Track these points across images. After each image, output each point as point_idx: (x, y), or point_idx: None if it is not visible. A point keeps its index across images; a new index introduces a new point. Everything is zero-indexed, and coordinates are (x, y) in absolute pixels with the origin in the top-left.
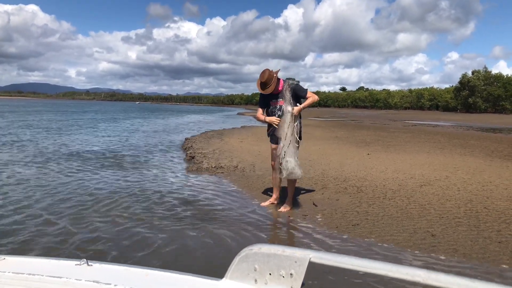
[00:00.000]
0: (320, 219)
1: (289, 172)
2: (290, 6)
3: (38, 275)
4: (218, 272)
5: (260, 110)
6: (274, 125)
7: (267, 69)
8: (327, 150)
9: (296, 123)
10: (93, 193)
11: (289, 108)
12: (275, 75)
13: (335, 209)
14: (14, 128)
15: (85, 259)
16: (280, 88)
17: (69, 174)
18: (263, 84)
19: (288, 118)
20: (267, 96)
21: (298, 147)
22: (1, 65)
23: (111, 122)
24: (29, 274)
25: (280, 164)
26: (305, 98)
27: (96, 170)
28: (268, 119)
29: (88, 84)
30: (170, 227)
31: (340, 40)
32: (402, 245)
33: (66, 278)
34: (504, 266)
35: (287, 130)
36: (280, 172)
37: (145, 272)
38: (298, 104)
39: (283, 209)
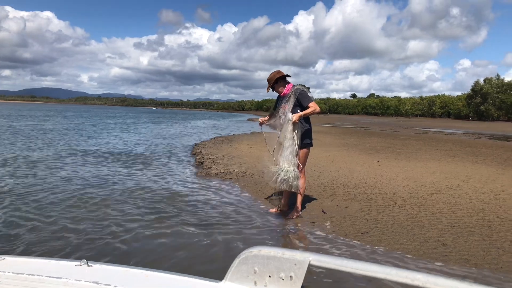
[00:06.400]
0: (328, 227)
1: (289, 185)
2: (301, 12)
3: (37, 275)
4: (219, 275)
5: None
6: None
7: (278, 70)
8: (336, 157)
9: (295, 131)
10: (95, 193)
11: (289, 115)
12: (278, 75)
13: (344, 217)
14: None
15: (85, 260)
16: (286, 91)
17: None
18: (268, 83)
19: (285, 124)
20: (280, 99)
21: (295, 155)
22: (15, 70)
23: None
24: (29, 274)
25: (278, 173)
26: (308, 107)
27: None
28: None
29: (100, 89)
30: (174, 229)
31: (351, 47)
32: (412, 254)
33: (66, 278)
34: None
35: (283, 136)
36: (281, 183)
37: (145, 273)
38: (299, 111)
39: (291, 215)
